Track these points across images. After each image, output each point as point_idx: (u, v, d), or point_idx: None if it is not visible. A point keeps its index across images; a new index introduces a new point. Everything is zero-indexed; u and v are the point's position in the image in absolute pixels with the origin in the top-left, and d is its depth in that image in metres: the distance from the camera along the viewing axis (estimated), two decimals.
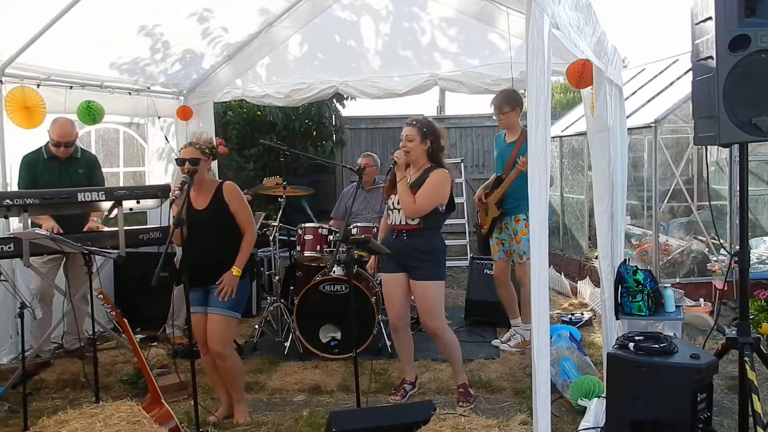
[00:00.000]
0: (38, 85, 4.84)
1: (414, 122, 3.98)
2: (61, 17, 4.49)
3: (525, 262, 4.97)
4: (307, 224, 5.24)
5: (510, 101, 4.94)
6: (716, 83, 2.79)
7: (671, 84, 6.49)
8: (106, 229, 4.69)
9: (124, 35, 5.33)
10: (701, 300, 5.56)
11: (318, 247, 5.09)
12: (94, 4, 4.51)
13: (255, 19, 6.07)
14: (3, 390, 4.19)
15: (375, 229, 5.24)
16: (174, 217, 3.42)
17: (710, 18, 2.83)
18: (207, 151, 3.71)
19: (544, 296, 2.38)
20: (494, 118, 5.15)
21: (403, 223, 3.95)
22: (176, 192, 3.54)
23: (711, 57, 2.83)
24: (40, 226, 4.33)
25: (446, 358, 4.22)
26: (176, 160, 3.70)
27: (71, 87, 5.25)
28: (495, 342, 5.23)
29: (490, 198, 5.06)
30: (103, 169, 5.22)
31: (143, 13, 5.14)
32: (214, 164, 5.47)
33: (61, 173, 4.72)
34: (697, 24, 2.96)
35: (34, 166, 4.66)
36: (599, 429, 3.24)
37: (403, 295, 4.05)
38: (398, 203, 3.95)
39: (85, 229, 4.58)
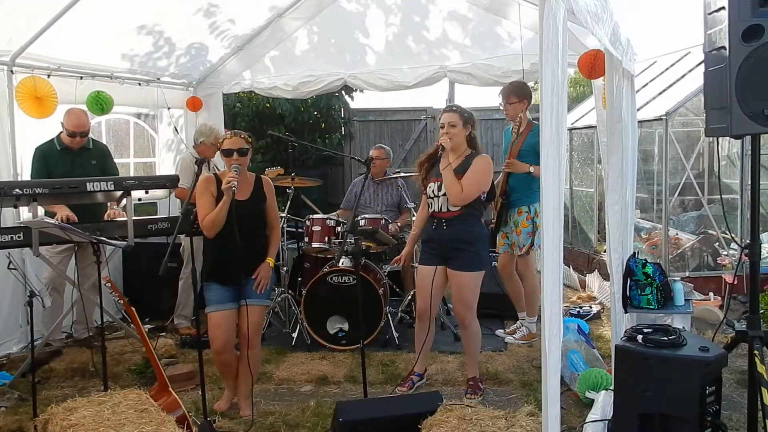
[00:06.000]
0: (48, 75, 4.86)
1: (454, 108, 3.98)
2: (71, 7, 4.50)
3: (525, 255, 4.95)
4: (315, 215, 5.25)
5: (518, 92, 4.91)
6: (729, 74, 2.75)
7: (683, 76, 6.41)
8: (123, 217, 4.69)
9: (134, 26, 5.34)
10: (711, 294, 5.53)
11: (326, 239, 5.09)
12: None
13: (263, 11, 6.06)
14: (13, 379, 4.23)
15: (383, 221, 5.23)
16: (183, 206, 3.41)
17: (723, 8, 2.79)
18: (250, 140, 3.74)
19: (556, 287, 2.35)
20: (501, 108, 5.10)
21: (444, 210, 3.93)
22: (234, 182, 3.49)
23: (723, 47, 2.80)
24: (54, 215, 4.33)
25: (464, 350, 4.21)
26: (222, 151, 3.65)
27: (81, 77, 5.27)
28: (499, 332, 5.22)
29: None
30: (114, 160, 5.21)
31: (153, 4, 5.15)
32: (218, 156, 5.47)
33: (74, 164, 4.71)
34: (710, 14, 2.93)
35: (47, 156, 4.65)
36: (607, 422, 3.22)
37: (437, 290, 4.03)
38: (439, 190, 3.93)
39: (105, 218, 4.56)
